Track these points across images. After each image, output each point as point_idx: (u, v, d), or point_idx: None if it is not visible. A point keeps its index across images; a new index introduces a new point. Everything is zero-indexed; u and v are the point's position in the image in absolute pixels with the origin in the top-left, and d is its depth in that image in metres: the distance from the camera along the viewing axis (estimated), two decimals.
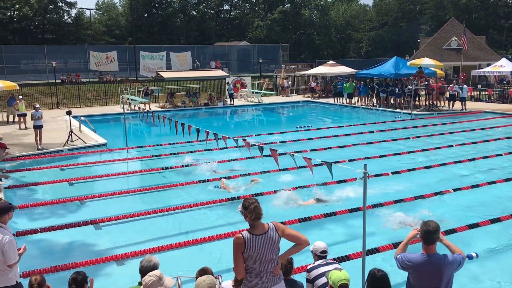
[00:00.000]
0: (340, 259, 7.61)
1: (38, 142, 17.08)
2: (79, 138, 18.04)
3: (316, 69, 38.16)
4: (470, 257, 7.70)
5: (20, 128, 21.93)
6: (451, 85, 27.53)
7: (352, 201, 10.72)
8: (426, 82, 26.72)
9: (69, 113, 18.06)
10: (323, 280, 4.95)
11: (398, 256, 4.70)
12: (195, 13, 70.28)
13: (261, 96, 34.18)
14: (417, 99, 27.99)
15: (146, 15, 63.37)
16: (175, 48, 47.33)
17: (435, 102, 28.04)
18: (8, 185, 12.33)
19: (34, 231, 9.01)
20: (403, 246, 4.85)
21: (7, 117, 24.41)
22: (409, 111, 25.26)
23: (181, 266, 7.62)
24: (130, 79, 39.43)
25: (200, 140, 14.33)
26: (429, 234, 4.50)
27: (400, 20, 70.70)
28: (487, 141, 18.10)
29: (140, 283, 4.57)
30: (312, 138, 18.87)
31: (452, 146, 17.14)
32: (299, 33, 70.17)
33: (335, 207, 10.39)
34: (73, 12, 63.92)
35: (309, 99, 35.30)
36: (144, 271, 4.57)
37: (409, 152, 16.16)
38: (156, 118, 15.20)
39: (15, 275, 5.72)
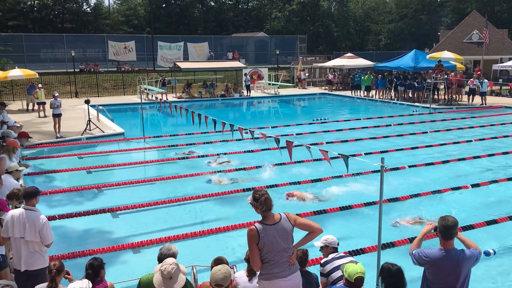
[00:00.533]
0: (354, 253, 7.59)
1: (57, 130, 17.32)
2: (97, 127, 18.24)
3: (334, 61, 37.86)
4: (487, 254, 7.60)
5: (39, 116, 22.26)
6: (471, 79, 27.07)
7: (368, 195, 10.65)
8: (446, 76, 26.32)
9: (87, 102, 18.26)
10: (338, 273, 4.92)
11: (414, 252, 4.65)
12: (213, 4, 70.13)
13: (278, 88, 34.07)
14: (436, 93, 27.61)
15: (164, 5, 63.44)
16: (192, 38, 47.30)
17: (454, 96, 27.62)
18: (27, 172, 12.52)
19: (52, 218, 9.14)
20: (418, 242, 4.80)
21: (27, 105, 24.79)
22: (428, 105, 24.94)
23: (197, 255, 7.68)
24: (148, 69, 39.61)
25: (216, 131, 14.37)
26: (448, 229, 4.44)
27: (420, 12, 69.45)
28: (507, 136, 17.78)
29: None
30: (328, 131, 18.79)
31: (471, 141, 16.90)
32: (317, 25, 69.57)
33: (350, 201, 10.35)
34: (92, 1, 64.70)
35: (326, 91, 35.07)
36: (162, 258, 4.61)
37: (426, 146, 16.00)
38: (173, 108, 15.26)
39: (47, 256, 5.88)
